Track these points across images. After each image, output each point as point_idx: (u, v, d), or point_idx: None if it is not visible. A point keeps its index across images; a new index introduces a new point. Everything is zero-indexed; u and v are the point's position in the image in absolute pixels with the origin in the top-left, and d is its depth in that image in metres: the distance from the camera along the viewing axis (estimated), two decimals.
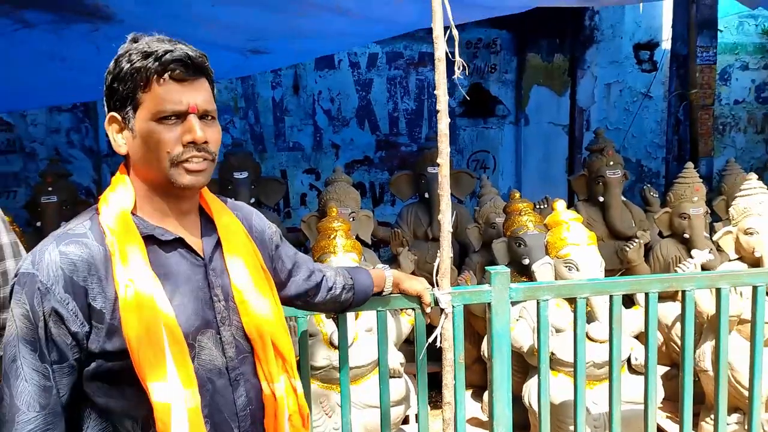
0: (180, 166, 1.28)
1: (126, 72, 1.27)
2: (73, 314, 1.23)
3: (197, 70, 1.31)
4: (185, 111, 1.28)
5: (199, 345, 1.32)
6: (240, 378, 1.37)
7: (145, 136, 1.28)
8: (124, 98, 1.29)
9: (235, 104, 6.23)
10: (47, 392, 1.24)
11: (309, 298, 1.77)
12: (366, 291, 1.96)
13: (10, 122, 6.08)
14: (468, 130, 6.68)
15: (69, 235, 1.28)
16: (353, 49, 6.20)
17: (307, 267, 1.74)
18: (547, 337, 2.39)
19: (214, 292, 1.36)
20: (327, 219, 3.24)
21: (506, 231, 3.83)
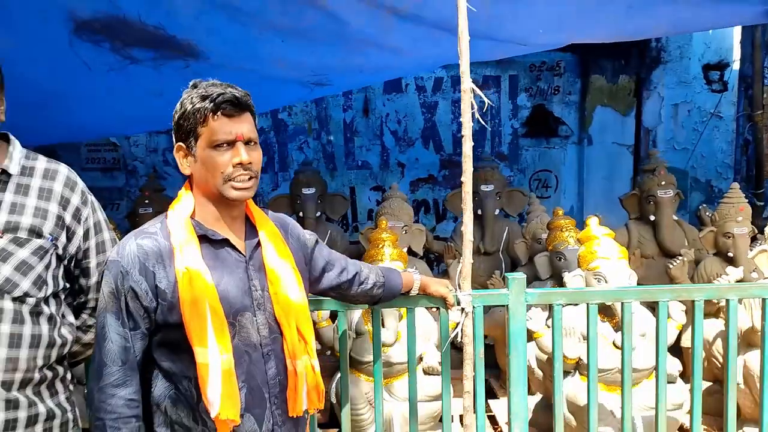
0: (230, 183, 1.64)
1: (189, 112, 1.64)
2: (144, 292, 1.62)
3: (242, 107, 1.66)
4: (234, 139, 1.64)
5: (239, 324, 1.67)
6: (271, 353, 1.72)
7: (204, 160, 1.65)
8: (187, 132, 1.66)
9: (309, 126, 6.71)
10: (126, 351, 1.63)
11: (342, 291, 2.09)
12: (394, 290, 2.26)
13: (116, 143, 6.79)
14: (531, 150, 6.88)
15: (144, 232, 1.68)
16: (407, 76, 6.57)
17: (340, 264, 2.06)
18: (560, 340, 2.63)
19: (252, 284, 1.71)
20: (377, 230, 3.59)
21: (548, 246, 4.05)
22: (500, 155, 6.86)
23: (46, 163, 1.82)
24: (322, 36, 3.02)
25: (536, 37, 3.20)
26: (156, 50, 3.17)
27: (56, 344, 1.75)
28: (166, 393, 1.68)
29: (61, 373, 1.81)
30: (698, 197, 6.83)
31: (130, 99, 3.61)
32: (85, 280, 1.87)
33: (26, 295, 1.68)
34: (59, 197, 1.78)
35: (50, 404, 1.75)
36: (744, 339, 3.45)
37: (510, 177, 6.81)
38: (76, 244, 1.81)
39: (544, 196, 6.85)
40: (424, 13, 3.01)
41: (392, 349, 3.30)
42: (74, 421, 1.85)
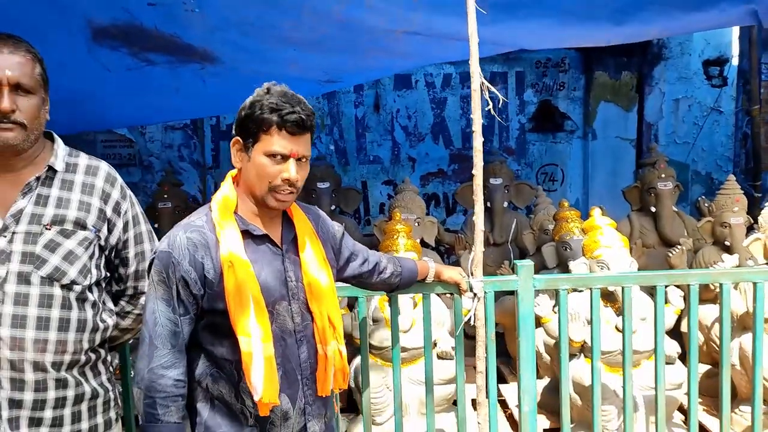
0: (272, 193, 1.76)
1: (257, 117, 1.74)
2: (194, 281, 1.73)
3: (305, 128, 1.77)
4: (288, 155, 1.75)
5: (276, 312, 1.81)
6: (303, 339, 1.86)
7: (257, 164, 1.76)
8: (249, 132, 1.76)
9: (322, 122, 6.91)
10: (176, 336, 1.75)
11: (363, 279, 2.27)
12: (411, 277, 2.44)
13: (132, 139, 6.95)
14: (537, 144, 7.07)
15: (191, 225, 1.78)
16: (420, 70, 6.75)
17: (363, 255, 2.22)
18: (566, 323, 2.83)
19: (288, 275, 1.84)
20: (391, 222, 3.79)
21: (555, 236, 4.25)
22: (508, 150, 7.05)
23: (87, 160, 1.92)
24: (335, 46, 3.20)
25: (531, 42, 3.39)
26: (172, 55, 3.33)
27: (99, 328, 1.89)
28: (208, 371, 1.81)
29: (103, 355, 1.94)
30: (699, 189, 7.01)
31: (148, 92, 3.79)
32: (124, 269, 1.99)
33: (73, 282, 1.80)
34: (101, 192, 1.88)
35: (94, 384, 1.89)
36: (740, 323, 3.65)
37: (517, 171, 6.99)
38: (117, 236, 1.93)
39: (551, 189, 7.04)
40: (432, 30, 3.20)
41: (406, 335, 3.50)
42: (115, 400, 1.98)
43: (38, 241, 1.76)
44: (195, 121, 6.81)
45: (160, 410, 1.73)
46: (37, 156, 1.84)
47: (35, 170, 1.81)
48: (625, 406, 2.87)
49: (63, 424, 1.81)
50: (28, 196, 1.78)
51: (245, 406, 1.80)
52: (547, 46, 3.91)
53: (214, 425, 1.81)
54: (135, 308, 2.07)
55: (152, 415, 1.73)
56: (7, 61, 1.73)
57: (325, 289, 1.88)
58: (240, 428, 1.82)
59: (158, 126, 6.79)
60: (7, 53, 1.74)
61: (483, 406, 2.76)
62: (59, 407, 1.79)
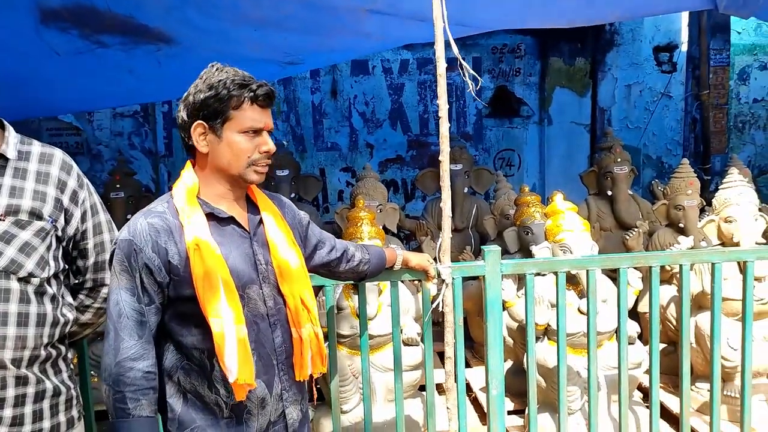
0: (252, 167, 1.75)
1: (224, 95, 1.71)
2: (158, 268, 1.68)
3: (272, 102, 1.79)
4: (262, 128, 1.76)
5: (247, 296, 1.77)
6: (277, 323, 1.82)
7: (231, 142, 1.73)
8: (215, 112, 1.72)
9: (278, 108, 6.81)
10: (143, 326, 1.69)
11: (332, 268, 2.23)
12: (379, 265, 2.41)
13: (79, 127, 6.72)
14: (494, 130, 7.12)
15: (152, 211, 1.73)
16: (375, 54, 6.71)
17: (330, 243, 2.19)
18: (532, 306, 2.86)
19: (257, 258, 1.80)
20: (355, 210, 3.75)
21: (516, 221, 4.29)
22: (465, 135, 7.08)
23: (41, 148, 1.84)
24: (296, 25, 3.13)
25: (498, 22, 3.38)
26: (126, 36, 3.21)
27: (59, 323, 1.82)
28: (178, 364, 1.76)
29: (63, 351, 1.87)
30: (650, 173, 7.18)
31: (99, 75, 3.66)
32: (83, 261, 1.93)
33: (31, 275, 1.73)
34: (56, 180, 1.81)
35: (55, 381, 1.82)
36: (695, 302, 3.75)
37: (475, 156, 7.01)
38: (75, 226, 1.86)
39: (508, 174, 7.10)
40: (396, 9, 3.16)
41: (372, 322, 3.48)
42: (77, 398, 1.91)
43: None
44: (146, 108, 6.62)
45: (130, 404, 1.67)
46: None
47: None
48: (589, 386, 2.92)
49: (23, 422, 1.74)
50: None
51: (219, 396, 1.76)
52: (512, 26, 3.92)
53: (188, 420, 1.76)
54: (95, 302, 2.00)
55: (122, 410, 1.68)
56: None
57: (295, 270, 1.85)
58: (215, 421, 1.78)
59: (107, 113, 6.58)
60: None
61: (452, 391, 2.77)
62: (19, 405, 1.73)
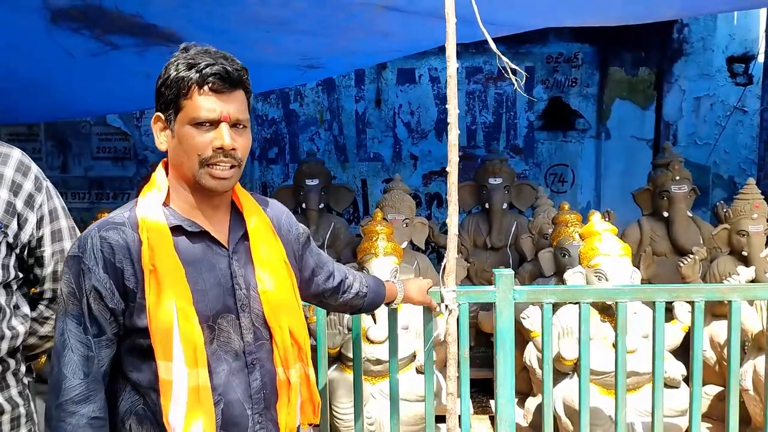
0: (207, 168, 1.41)
1: (172, 79, 1.41)
2: (110, 292, 1.40)
3: (234, 83, 1.43)
4: (218, 119, 1.40)
5: (219, 327, 1.45)
6: (256, 362, 1.48)
7: (182, 137, 1.42)
8: (168, 102, 1.43)
9: (321, 117, 6.64)
10: (90, 362, 1.40)
11: (324, 299, 1.89)
12: (376, 301, 2.09)
13: (127, 132, 6.77)
14: (547, 143, 6.72)
15: (109, 222, 1.43)
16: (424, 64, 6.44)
17: (328, 269, 1.84)
18: (549, 340, 2.51)
19: (236, 281, 1.48)
20: (371, 222, 3.49)
21: (553, 241, 3.92)
22: (515, 148, 6.71)
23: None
24: (306, 25, 2.92)
25: (532, 20, 3.06)
26: (137, 37, 3.11)
27: (5, 337, 1.65)
28: (133, 408, 1.45)
29: (12, 366, 1.71)
30: (720, 194, 6.60)
31: (116, 80, 3.57)
32: (40, 269, 1.76)
33: None
34: (10, 182, 1.65)
35: (0, 398, 1.66)
36: (755, 342, 3.29)
37: (525, 171, 6.66)
38: (29, 232, 1.70)
39: (560, 190, 6.70)
40: (415, 6, 2.90)
41: (382, 347, 3.20)
42: (27, 416, 1.75)
43: None
44: None
45: None
46: None
47: None
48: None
49: None
50: None
51: None
52: (552, 24, 3.55)
53: None
54: (55, 313, 1.79)
55: None
56: None
57: (286, 297, 1.53)
58: None
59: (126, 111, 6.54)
60: None
61: (453, 431, 2.45)
62: None
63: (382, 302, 2.13)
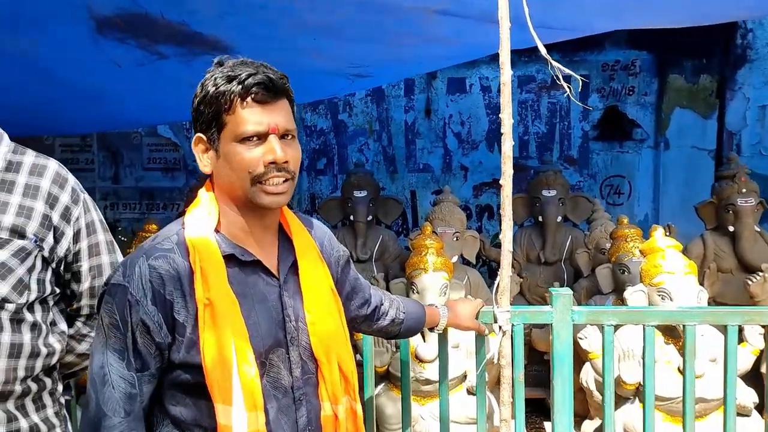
0: (259, 185, 1.33)
1: (211, 95, 1.33)
2: (158, 326, 1.30)
3: (278, 92, 1.35)
4: (266, 132, 1.32)
5: (270, 363, 1.37)
6: (303, 398, 1.40)
7: (228, 156, 1.33)
8: (209, 120, 1.35)
9: (370, 127, 6.58)
10: (132, 399, 1.32)
11: (357, 324, 1.80)
12: (414, 328, 1.98)
13: (177, 142, 6.83)
14: (602, 154, 6.50)
15: (157, 249, 1.34)
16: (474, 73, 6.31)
17: (363, 295, 1.75)
18: (611, 365, 2.36)
19: (287, 312, 1.40)
20: (420, 237, 3.38)
21: (611, 257, 3.74)
22: (569, 159, 6.52)
23: (34, 158, 1.65)
24: (356, 31, 2.84)
25: (590, 23, 2.90)
26: (182, 46, 3.07)
27: (41, 354, 1.60)
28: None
29: (48, 385, 1.66)
30: None
31: (163, 90, 3.55)
32: (77, 285, 1.71)
33: (4, 300, 1.53)
34: (46, 195, 1.61)
35: (35, 419, 1.61)
36: None
37: (579, 183, 6.45)
38: (65, 246, 1.64)
39: (616, 203, 6.46)
40: (467, 8, 2.79)
41: (432, 366, 3.07)
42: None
43: None
44: None
45: None
46: None
47: None
48: None
49: None
50: None
51: None
52: (615, 27, 3.38)
53: None
54: (93, 330, 1.74)
55: None
56: None
57: (334, 329, 1.45)
58: None
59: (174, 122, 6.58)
60: None
61: None
62: None
63: (421, 328, 2.03)
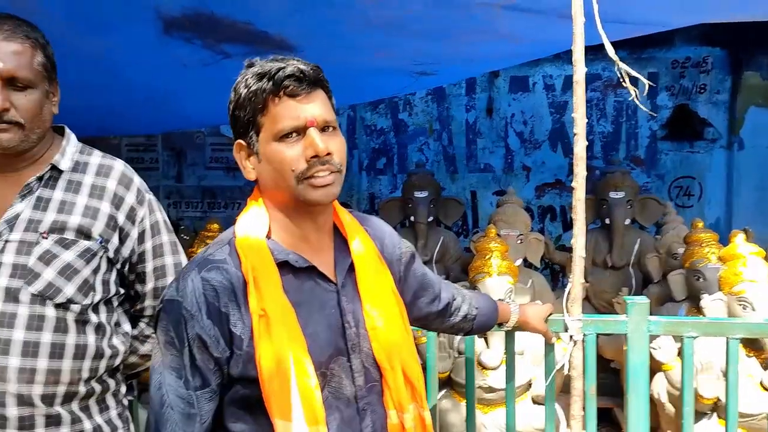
0: (306, 182, 1.27)
1: (244, 98, 1.28)
2: (215, 340, 1.25)
3: (312, 83, 1.29)
4: (304, 126, 1.26)
5: (331, 373, 1.31)
6: (367, 407, 1.34)
7: (269, 157, 1.28)
8: (245, 124, 1.30)
9: (430, 126, 6.50)
10: (191, 420, 1.27)
11: (428, 323, 1.75)
12: (486, 324, 1.91)
13: None
14: (671, 154, 6.24)
15: (209, 261, 1.29)
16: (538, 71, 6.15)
17: (433, 291, 1.67)
18: (691, 378, 2.23)
19: (346, 319, 1.34)
20: (484, 239, 3.31)
21: (685, 262, 3.57)
22: (636, 159, 6.29)
23: (101, 159, 1.67)
24: (422, 27, 2.78)
25: (665, 18, 2.76)
26: (248, 45, 3.08)
27: (105, 355, 1.61)
28: None
29: (112, 386, 1.67)
30: None
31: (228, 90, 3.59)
32: (141, 285, 1.72)
33: (70, 301, 1.53)
34: (112, 195, 1.62)
35: (98, 420, 1.62)
36: None
37: (647, 184, 6.22)
38: (130, 247, 1.66)
39: (686, 205, 6.20)
40: (538, 4, 2.70)
41: (496, 373, 2.99)
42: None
43: (33, 251, 1.52)
44: None
45: None
46: (42, 154, 1.61)
47: (38, 170, 1.59)
48: None
49: None
50: (27, 198, 1.56)
51: None
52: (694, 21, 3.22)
53: None
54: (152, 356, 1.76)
55: None
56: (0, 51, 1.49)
57: (397, 333, 1.37)
58: None
59: None
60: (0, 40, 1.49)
61: None
62: None
63: (493, 325, 1.96)
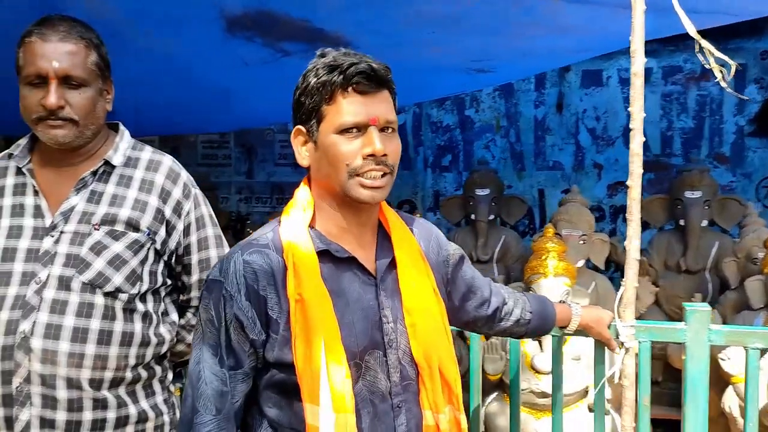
0: (357, 178, 1.29)
1: (312, 86, 1.30)
2: (251, 322, 1.28)
3: (380, 83, 1.31)
4: (366, 123, 1.28)
5: (366, 365, 1.32)
6: (402, 405, 1.34)
7: (326, 148, 1.30)
8: (309, 111, 1.32)
9: (497, 123, 6.35)
10: (223, 397, 1.30)
11: (477, 327, 1.71)
12: (542, 328, 1.83)
13: None
14: (759, 151, 5.85)
15: (253, 244, 1.33)
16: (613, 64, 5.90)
17: (482, 294, 1.64)
18: (756, 392, 2.05)
19: (384, 313, 1.35)
20: (541, 239, 3.18)
21: (764, 268, 3.33)
22: (720, 157, 5.93)
23: (151, 154, 1.76)
24: (476, 23, 2.70)
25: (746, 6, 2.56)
26: (306, 43, 3.12)
27: (151, 343, 1.69)
28: None
29: (158, 373, 1.75)
30: None
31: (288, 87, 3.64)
32: (187, 277, 1.79)
33: (118, 290, 1.62)
34: (160, 189, 1.71)
35: (144, 405, 1.69)
36: None
37: (731, 183, 5.86)
38: (176, 239, 1.74)
39: None
40: None
41: (548, 378, 2.86)
42: (171, 424, 1.77)
43: (85, 242, 1.62)
44: None
45: None
46: (97, 150, 1.71)
47: (93, 164, 1.69)
48: None
49: None
50: (81, 192, 1.66)
51: None
52: None
53: None
54: None
55: None
56: (55, 51, 1.57)
57: (435, 332, 1.38)
58: None
59: None
60: (56, 41, 1.58)
61: None
62: (97, 430, 1.61)
63: (551, 328, 1.86)
